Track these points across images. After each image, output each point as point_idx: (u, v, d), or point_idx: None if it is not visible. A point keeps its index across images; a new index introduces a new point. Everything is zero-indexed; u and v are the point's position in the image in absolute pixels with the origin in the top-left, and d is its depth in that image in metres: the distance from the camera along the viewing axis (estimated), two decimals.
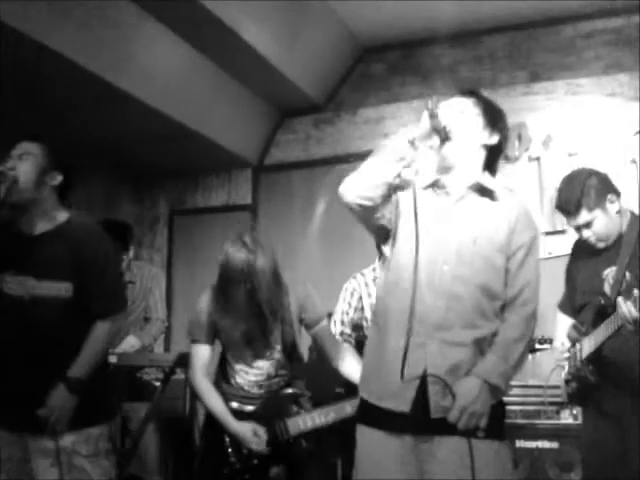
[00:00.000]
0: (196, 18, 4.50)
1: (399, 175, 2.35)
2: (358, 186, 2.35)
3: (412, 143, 2.30)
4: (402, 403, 2.27)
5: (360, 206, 2.35)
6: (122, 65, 4.55)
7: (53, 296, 2.84)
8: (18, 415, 2.80)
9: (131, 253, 4.46)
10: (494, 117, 2.48)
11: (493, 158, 2.50)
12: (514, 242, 2.37)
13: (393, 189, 2.38)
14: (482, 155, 2.47)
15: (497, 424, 2.31)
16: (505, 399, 3.17)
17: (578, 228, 3.19)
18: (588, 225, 3.14)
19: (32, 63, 4.12)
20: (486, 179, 2.46)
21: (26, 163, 2.89)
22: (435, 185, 2.45)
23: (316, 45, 5.45)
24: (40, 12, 3.88)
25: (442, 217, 2.39)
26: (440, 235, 2.36)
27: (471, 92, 2.54)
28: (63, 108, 4.76)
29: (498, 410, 2.32)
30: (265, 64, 5.12)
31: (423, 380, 2.27)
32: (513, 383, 4.09)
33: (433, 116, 2.27)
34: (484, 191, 2.43)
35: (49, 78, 4.36)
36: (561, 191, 3.24)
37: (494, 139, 2.47)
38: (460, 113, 2.42)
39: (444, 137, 2.32)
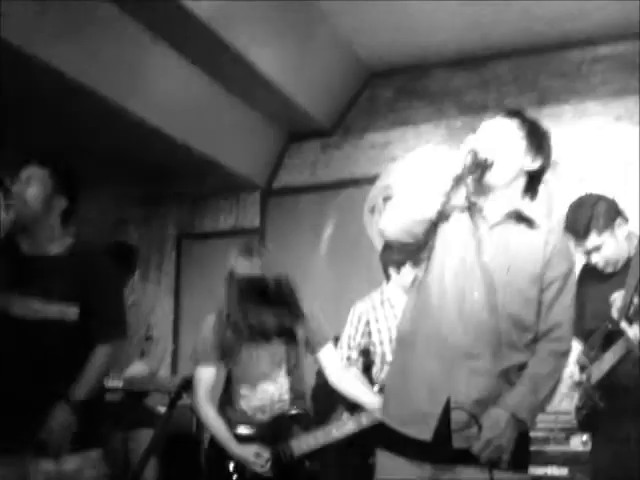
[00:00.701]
0: (206, 43, 4.55)
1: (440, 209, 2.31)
2: (401, 224, 2.31)
3: (457, 179, 2.27)
4: (424, 431, 2.23)
5: (402, 243, 2.34)
6: (130, 87, 4.59)
7: (59, 318, 2.85)
8: (19, 437, 2.78)
9: (136, 275, 4.48)
10: (538, 140, 2.41)
11: (534, 182, 2.43)
12: (549, 273, 2.30)
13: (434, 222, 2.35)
14: (523, 179, 2.40)
15: (520, 454, 2.27)
16: None
17: (587, 252, 3.18)
18: (597, 249, 3.13)
19: (40, 85, 4.16)
20: (525, 206, 2.39)
21: (33, 187, 2.91)
22: (472, 209, 2.39)
23: (324, 70, 5.49)
24: (47, 33, 3.91)
25: (477, 243, 2.33)
26: (473, 261, 2.31)
27: (516, 113, 2.46)
28: (71, 129, 4.80)
29: (522, 441, 2.27)
30: (273, 88, 5.16)
31: (447, 409, 2.23)
32: None
33: (476, 158, 2.25)
34: (522, 218, 2.36)
35: (59, 101, 4.40)
36: (569, 215, 3.23)
37: (536, 164, 2.40)
38: (503, 136, 2.37)
39: (487, 168, 2.29)
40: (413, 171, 2.48)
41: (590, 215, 3.11)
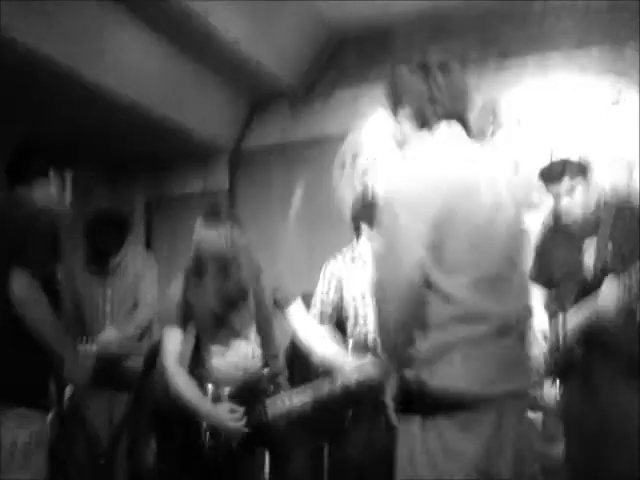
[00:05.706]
0: (166, 7, 4.50)
1: None
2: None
3: None
4: None
5: None
6: (92, 56, 4.53)
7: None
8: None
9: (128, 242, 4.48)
10: None
11: None
12: None
13: None
14: None
15: None
16: None
17: (558, 196, 3.27)
18: (569, 192, 3.22)
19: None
20: None
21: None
22: None
23: (289, 27, 5.44)
24: (8, 5, 3.85)
25: None
26: None
27: None
28: (34, 101, 4.74)
29: None
30: (238, 49, 5.12)
31: None
32: None
33: None
34: None
35: (20, 72, 4.33)
36: (544, 168, 3.35)
37: None
38: None
39: None
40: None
41: (564, 162, 3.25)
